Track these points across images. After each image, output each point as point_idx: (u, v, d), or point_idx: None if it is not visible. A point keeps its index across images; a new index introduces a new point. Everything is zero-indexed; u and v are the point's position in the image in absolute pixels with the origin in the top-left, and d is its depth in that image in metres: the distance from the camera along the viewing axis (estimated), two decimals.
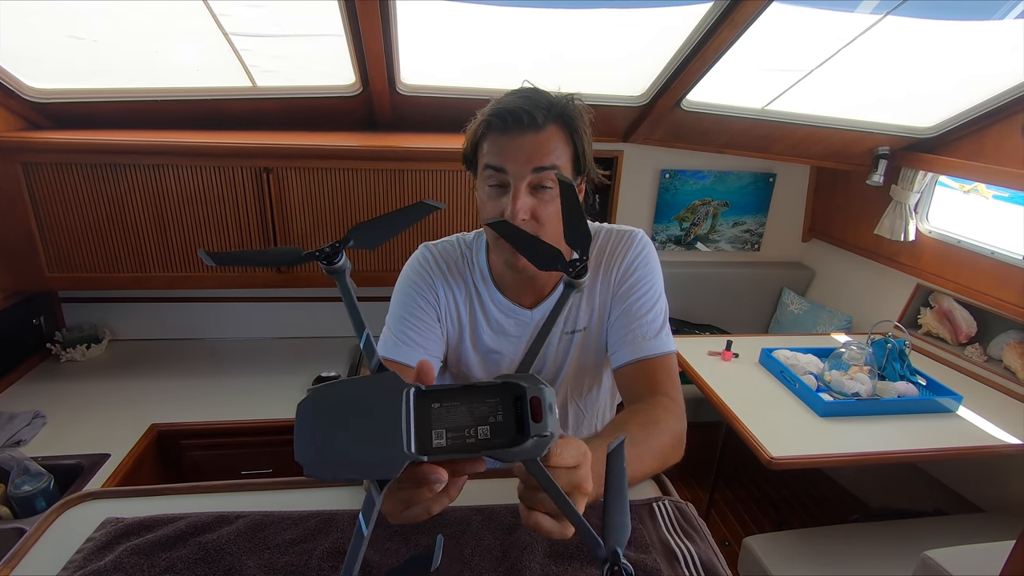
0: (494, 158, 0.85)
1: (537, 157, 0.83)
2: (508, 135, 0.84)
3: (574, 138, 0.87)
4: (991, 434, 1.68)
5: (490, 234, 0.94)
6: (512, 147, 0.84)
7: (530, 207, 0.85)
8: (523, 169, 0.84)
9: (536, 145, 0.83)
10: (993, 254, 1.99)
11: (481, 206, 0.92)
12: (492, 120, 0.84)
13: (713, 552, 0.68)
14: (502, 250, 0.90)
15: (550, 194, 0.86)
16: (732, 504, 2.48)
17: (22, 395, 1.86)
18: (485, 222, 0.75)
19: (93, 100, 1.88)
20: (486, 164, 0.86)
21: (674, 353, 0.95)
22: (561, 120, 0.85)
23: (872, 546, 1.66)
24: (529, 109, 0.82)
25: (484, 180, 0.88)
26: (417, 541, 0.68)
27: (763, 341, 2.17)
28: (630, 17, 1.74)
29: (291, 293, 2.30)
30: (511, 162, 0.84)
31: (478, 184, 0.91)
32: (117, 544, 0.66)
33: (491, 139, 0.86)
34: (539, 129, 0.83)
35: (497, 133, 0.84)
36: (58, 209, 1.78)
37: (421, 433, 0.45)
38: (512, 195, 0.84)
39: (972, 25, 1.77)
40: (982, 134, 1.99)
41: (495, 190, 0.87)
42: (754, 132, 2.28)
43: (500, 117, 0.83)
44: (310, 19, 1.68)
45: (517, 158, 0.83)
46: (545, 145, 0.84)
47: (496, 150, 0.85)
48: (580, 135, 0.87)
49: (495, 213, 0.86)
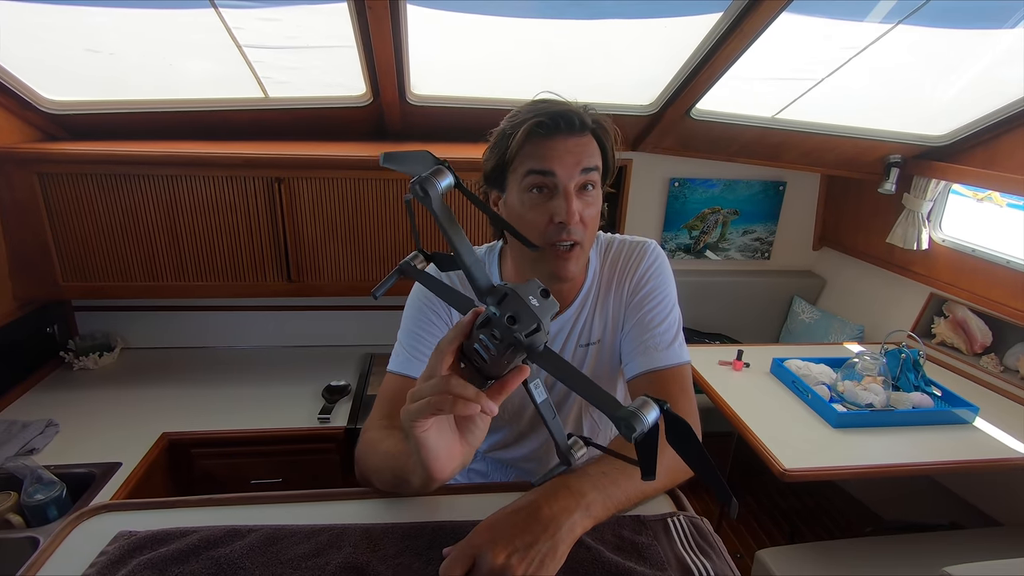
0: (540, 162, 0.84)
1: (584, 158, 0.84)
2: (554, 138, 0.83)
3: (604, 148, 0.88)
4: (1009, 446, 1.65)
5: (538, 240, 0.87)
6: (559, 149, 0.83)
7: (579, 209, 0.85)
8: (572, 171, 0.84)
9: (581, 147, 0.85)
10: (1008, 263, 1.96)
11: (518, 216, 0.88)
12: (536, 127, 0.83)
13: (730, 569, 0.67)
14: (551, 260, 0.87)
15: (592, 196, 0.87)
16: (743, 515, 2.45)
17: (35, 403, 1.88)
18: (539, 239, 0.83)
19: (108, 112, 1.91)
20: (530, 169, 0.84)
21: (688, 364, 0.95)
22: (595, 128, 0.87)
23: (888, 561, 1.63)
24: (572, 115, 0.84)
25: (525, 187, 0.86)
26: (429, 556, 0.67)
27: (774, 351, 2.15)
28: (640, 27, 1.74)
29: (301, 302, 2.31)
30: (560, 164, 0.83)
31: (513, 196, 0.88)
32: (130, 558, 0.66)
33: (534, 143, 0.84)
34: (583, 132, 0.85)
35: (541, 137, 0.84)
36: (73, 219, 1.80)
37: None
38: (564, 197, 0.84)
39: (984, 33, 1.76)
40: (995, 142, 1.98)
41: (539, 196, 0.85)
42: (764, 141, 2.27)
43: (551, 118, 0.83)
44: (321, 31, 1.69)
45: (565, 160, 0.83)
46: (588, 146, 0.85)
47: (542, 153, 0.84)
48: (610, 146, 0.89)
49: (543, 219, 0.85)
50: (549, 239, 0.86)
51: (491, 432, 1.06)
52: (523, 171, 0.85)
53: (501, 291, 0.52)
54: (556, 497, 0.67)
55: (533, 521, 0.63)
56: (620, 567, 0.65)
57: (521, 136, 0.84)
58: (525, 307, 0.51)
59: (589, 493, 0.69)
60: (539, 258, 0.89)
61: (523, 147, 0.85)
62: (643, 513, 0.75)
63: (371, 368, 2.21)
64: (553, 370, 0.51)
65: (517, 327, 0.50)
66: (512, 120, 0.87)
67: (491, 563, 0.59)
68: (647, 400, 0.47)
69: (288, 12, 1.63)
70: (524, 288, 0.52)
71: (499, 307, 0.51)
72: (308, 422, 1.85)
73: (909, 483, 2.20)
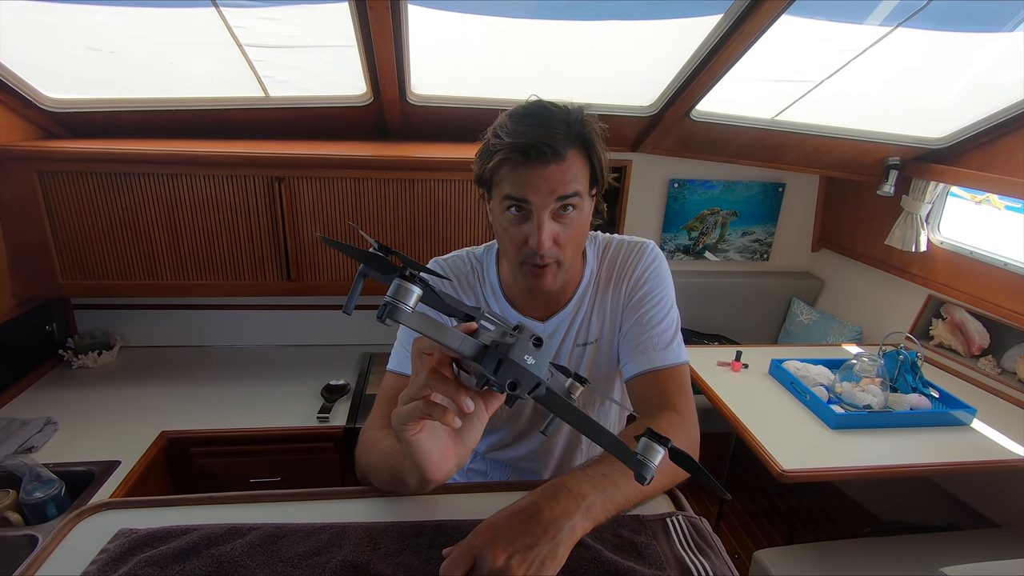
0: (516, 190, 0.83)
1: (560, 187, 0.82)
2: (530, 167, 0.81)
3: (591, 157, 0.86)
4: (1006, 447, 1.66)
5: (514, 257, 0.90)
6: (534, 179, 0.81)
7: (553, 234, 0.84)
8: (547, 200, 0.82)
9: (559, 175, 0.82)
10: (1007, 265, 1.97)
11: (499, 228, 0.89)
12: (511, 156, 0.82)
13: (728, 569, 0.67)
14: (527, 276, 0.89)
15: (571, 217, 0.86)
16: (742, 516, 2.45)
17: (34, 401, 1.88)
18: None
19: (108, 110, 1.91)
20: (507, 195, 0.84)
21: (686, 364, 0.95)
22: (579, 142, 0.84)
23: (886, 561, 1.63)
24: (549, 141, 0.80)
25: (503, 207, 0.86)
26: (429, 555, 0.68)
27: (773, 352, 2.15)
28: (640, 29, 1.75)
29: (301, 301, 2.31)
30: (534, 194, 0.82)
31: (495, 207, 0.89)
32: (131, 556, 0.66)
33: (510, 168, 0.83)
34: (561, 160, 0.81)
35: (517, 164, 0.82)
36: (72, 217, 1.80)
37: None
38: (536, 226, 0.83)
39: (982, 37, 1.77)
40: (993, 145, 1.98)
41: (516, 217, 0.86)
42: (763, 142, 2.28)
43: (521, 152, 0.80)
44: (322, 30, 1.70)
45: (540, 190, 0.82)
46: (567, 174, 0.82)
47: (518, 181, 0.82)
48: (597, 154, 0.87)
49: (518, 240, 0.86)
50: (524, 258, 0.87)
51: (489, 432, 1.06)
52: (501, 194, 0.86)
53: (495, 357, 0.50)
54: (557, 499, 0.67)
55: (534, 523, 0.64)
56: (619, 566, 0.66)
57: (496, 163, 0.84)
58: (523, 371, 0.50)
59: (590, 495, 0.69)
60: (517, 276, 0.91)
61: (499, 172, 0.85)
62: (642, 513, 0.75)
63: (370, 367, 2.21)
64: (555, 409, 0.52)
65: (519, 391, 0.51)
66: (496, 133, 0.85)
67: (491, 564, 0.59)
68: (650, 443, 0.50)
69: (289, 11, 1.64)
70: (518, 347, 0.50)
71: (496, 375, 0.50)
72: (307, 421, 1.85)
73: (907, 484, 2.21)
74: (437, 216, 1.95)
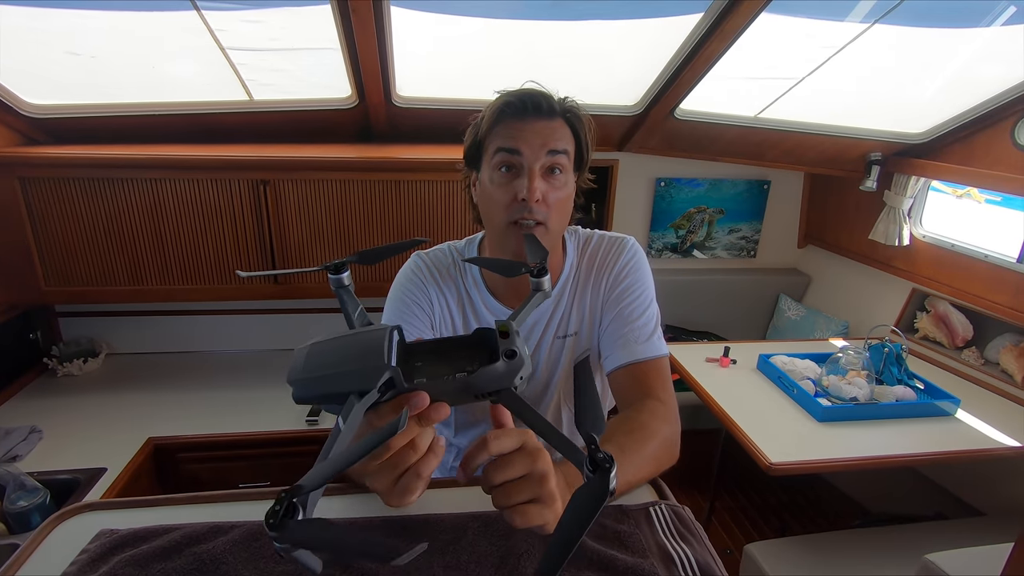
0: (509, 140, 0.87)
1: (552, 140, 0.87)
2: (523, 120, 0.87)
3: (577, 136, 0.91)
4: (990, 437, 1.68)
5: (502, 219, 0.89)
6: (527, 130, 0.87)
7: (542, 192, 0.87)
8: (538, 152, 0.87)
9: (550, 130, 0.87)
10: (987, 257, 2.00)
11: (487, 196, 0.92)
12: (507, 107, 0.88)
13: (711, 555, 0.67)
14: (515, 237, 0.88)
15: (560, 180, 0.89)
16: (733, 512, 2.46)
17: (18, 410, 1.85)
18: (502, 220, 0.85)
19: (90, 115, 1.89)
20: (499, 147, 0.88)
21: (666, 357, 0.96)
22: (568, 116, 0.90)
23: (873, 551, 1.65)
24: (541, 98, 0.87)
25: (494, 166, 0.89)
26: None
27: (761, 347, 2.17)
28: (622, 28, 1.76)
29: (287, 305, 2.30)
30: (526, 144, 0.86)
31: (485, 174, 0.92)
32: (112, 556, 0.65)
33: (505, 124, 0.88)
34: (552, 116, 0.88)
35: (512, 118, 0.87)
36: (55, 223, 1.79)
37: (404, 368, 0.50)
38: (528, 176, 0.86)
39: (959, 32, 1.80)
40: (972, 139, 2.02)
41: (506, 175, 0.88)
42: (747, 140, 2.30)
43: (518, 100, 0.87)
44: (305, 33, 1.70)
45: (532, 141, 0.86)
46: (557, 131, 0.88)
47: (511, 133, 0.87)
48: (583, 135, 0.92)
49: (508, 197, 0.87)
50: (512, 217, 0.88)
51: (470, 427, 1.06)
52: (493, 149, 0.89)
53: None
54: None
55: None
56: (602, 555, 0.66)
57: (493, 115, 0.89)
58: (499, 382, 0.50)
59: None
60: (506, 238, 0.90)
61: (494, 127, 0.89)
62: (625, 502, 0.76)
63: None
64: (517, 411, 0.50)
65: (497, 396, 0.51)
66: (489, 106, 0.91)
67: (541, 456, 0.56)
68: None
69: (271, 14, 1.64)
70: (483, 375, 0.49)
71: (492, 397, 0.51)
72: (296, 425, 1.84)
73: (894, 475, 2.23)
74: (423, 216, 1.95)
